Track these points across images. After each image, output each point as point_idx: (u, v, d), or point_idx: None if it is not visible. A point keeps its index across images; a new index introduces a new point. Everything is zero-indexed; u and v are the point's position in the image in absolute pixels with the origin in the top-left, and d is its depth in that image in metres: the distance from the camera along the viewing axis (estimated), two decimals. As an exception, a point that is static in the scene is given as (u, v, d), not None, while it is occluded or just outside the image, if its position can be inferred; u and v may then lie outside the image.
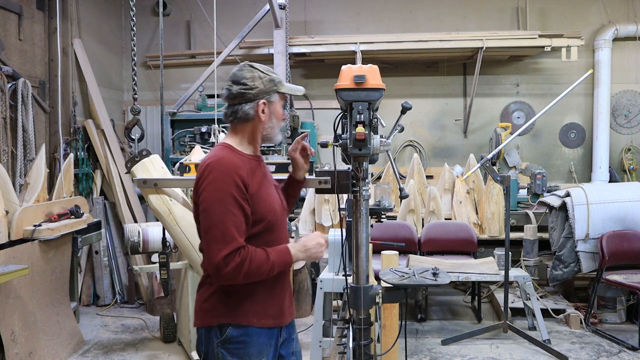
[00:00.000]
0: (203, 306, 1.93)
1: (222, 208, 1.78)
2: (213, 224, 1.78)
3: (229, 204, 1.78)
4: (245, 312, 1.89)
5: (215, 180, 1.80)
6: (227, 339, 1.88)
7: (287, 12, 6.04)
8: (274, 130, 1.99)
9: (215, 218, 1.78)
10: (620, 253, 4.50)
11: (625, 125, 6.70)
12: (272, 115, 1.97)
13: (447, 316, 5.01)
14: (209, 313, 1.91)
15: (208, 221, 1.79)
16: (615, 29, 6.41)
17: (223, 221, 1.77)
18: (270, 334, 1.95)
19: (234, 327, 1.88)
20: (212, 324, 1.90)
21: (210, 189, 1.80)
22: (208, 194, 1.80)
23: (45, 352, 3.80)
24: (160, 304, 5.00)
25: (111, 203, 5.59)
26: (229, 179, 1.80)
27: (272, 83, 1.95)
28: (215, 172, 1.81)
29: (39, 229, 3.83)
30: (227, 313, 1.89)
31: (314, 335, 3.55)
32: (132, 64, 4.39)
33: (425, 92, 6.90)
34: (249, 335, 1.89)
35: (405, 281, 2.17)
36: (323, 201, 5.45)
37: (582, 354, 4.03)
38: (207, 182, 1.81)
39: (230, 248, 1.76)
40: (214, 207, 1.78)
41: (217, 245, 1.77)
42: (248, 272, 1.79)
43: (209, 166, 1.83)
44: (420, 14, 6.86)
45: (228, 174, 1.81)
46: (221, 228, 1.77)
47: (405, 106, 2.15)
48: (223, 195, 1.78)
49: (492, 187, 5.28)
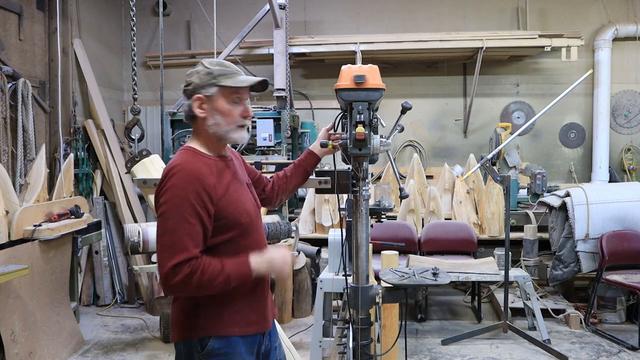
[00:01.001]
0: (180, 320, 1.82)
1: (178, 216, 1.67)
2: (166, 231, 1.68)
3: (186, 212, 1.68)
4: (226, 322, 1.80)
5: (174, 187, 1.70)
6: (209, 352, 1.78)
7: (287, 12, 6.04)
8: (222, 128, 1.82)
9: (169, 226, 1.68)
10: (620, 253, 4.50)
11: (625, 125, 6.70)
12: (214, 112, 1.81)
13: (447, 316, 5.01)
14: (188, 326, 1.80)
15: (161, 228, 1.69)
16: (615, 29, 6.41)
17: (176, 230, 1.67)
18: (252, 343, 1.87)
19: (215, 339, 1.78)
20: (192, 338, 1.79)
21: (168, 195, 1.70)
22: (165, 200, 1.70)
23: (45, 352, 3.80)
24: (160, 304, 5.00)
25: (111, 203, 5.59)
26: (189, 186, 1.69)
27: (209, 76, 1.80)
28: (175, 178, 1.71)
29: (39, 229, 3.83)
30: (207, 325, 1.79)
31: (314, 335, 3.55)
32: (132, 64, 4.39)
33: (425, 92, 6.90)
34: (231, 346, 1.80)
35: (405, 281, 2.17)
36: (323, 201, 5.45)
37: (582, 354, 4.03)
38: (166, 188, 1.71)
39: (179, 258, 1.65)
40: (170, 214, 1.68)
41: (167, 254, 1.67)
42: (199, 284, 1.67)
43: (171, 171, 1.73)
44: (420, 14, 6.86)
45: (189, 180, 1.70)
46: (173, 237, 1.67)
47: (405, 106, 2.16)
48: (180, 202, 1.68)
49: (492, 187, 5.28)
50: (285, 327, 4.60)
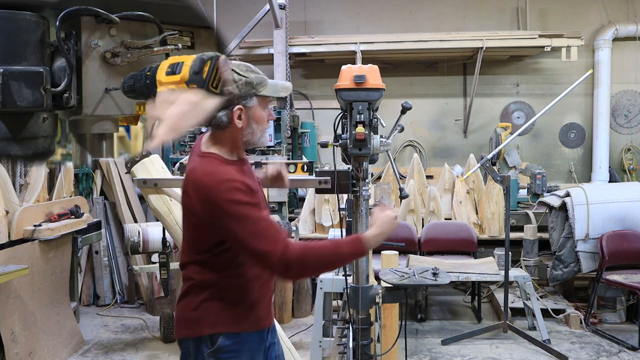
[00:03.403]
0: (191, 316, 1.81)
1: (252, 219, 1.68)
2: (253, 233, 1.67)
3: (255, 212, 1.70)
4: (238, 318, 1.81)
5: (229, 201, 1.67)
6: (219, 348, 1.78)
7: (287, 12, 6.04)
8: (256, 136, 1.83)
9: (251, 228, 1.68)
10: (620, 253, 4.50)
11: (625, 125, 6.70)
12: (252, 121, 1.80)
13: (447, 316, 5.01)
14: (199, 322, 1.80)
15: (245, 233, 1.68)
16: (615, 29, 6.42)
17: (261, 227, 1.69)
18: (261, 338, 1.89)
19: (226, 335, 1.80)
20: (202, 334, 1.79)
21: (228, 209, 1.68)
22: (230, 215, 1.68)
23: (45, 352, 3.80)
24: (160, 304, 5.00)
25: (111, 203, 5.59)
26: (237, 191, 1.69)
27: (249, 86, 1.77)
28: (223, 188, 1.68)
29: (39, 229, 3.83)
30: (219, 321, 1.80)
31: (314, 335, 3.55)
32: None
33: (425, 92, 6.90)
34: (242, 342, 1.82)
35: (405, 281, 2.17)
36: (323, 201, 5.45)
37: (582, 354, 4.03)
38: (222, 202, 1.68)
39: (283, 243, 1.69)
40: (244, 222, 1.67)
41: (270, 245, 1.67)
42: (315, 264, 1.75)
43: (212, 187, 1.69)
44: (420, 14, 6.86)
45: (233, 185, 1.69)
46: (263, 231, 1.68)
47: (405, 106, 2.16)
48: (243, 209, 1.68)
49: (492, 187, 5.28)
50: (285, 327, 4.60)
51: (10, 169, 4.40)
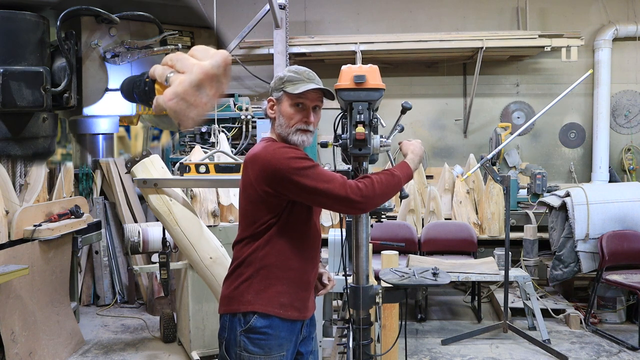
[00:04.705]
0: (230, 293, 1.95)
1: (314, 170, 1.86)
2: (321, 180, 1.85)
3: (315, 166, 1.88)
4: (272, 302, 1.91)
5: (291, 159, 1.86)
6: (251, 328, 1.90)
7: (287, 12, 6.04)
8: (284, 129, 1.97)
9: (317, 176, 1.85)
10: (620, 253, 4.50)
11: (625, 125, 6.70)
12: (280, 114, 1.98)
13: (447, 316, 5.01)
14: (236, 300, 1.93)
15: (315, 181, 1.84)
16: (615, 29, 6.41)
17: (325, 172, 1.88)
18: (292, 329, 1.97)
19: (259, 316, 1.90)
20: (237, 311, 1.92)
21: (293, 165, 1.85)
22: (294, 173, 1.84)
23: (45, 352, 3.80)
24: (160, 304, 5.00)
25: (111, 203, 5.59)
26: (295, 155, 1.88)
27: (280, 81, 1.98)
28: (281, 156, 1.87)
29: (39, 229, 3.83)
30: (255, 301, 1.91)
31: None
32: (133, 63, 4.38)
33: (425, 92, 6.90)
34: (272, 327, 1.91)
35: (405, 281, 2.18)
36: (323, 201, 5.44)
37: (582, 354, 4.03)
38: (284, 167, 1.85)
39: (345, 178, 1.87)
40: (310, 174, 1.85)
41: (339, 181, 1.85)
42: (379, 184, 1.89)
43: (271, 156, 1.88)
44: (420, 14, 6.86)
45: (291, 151, 1.89)
46: (328, 174, 1.87)
47: (405, 106, 2.16)
48: (304, 163, 1.86)
49: (492, 187, 5.28)
50: (285, 327, 4.59)
51: (10, 169, 4.41)
